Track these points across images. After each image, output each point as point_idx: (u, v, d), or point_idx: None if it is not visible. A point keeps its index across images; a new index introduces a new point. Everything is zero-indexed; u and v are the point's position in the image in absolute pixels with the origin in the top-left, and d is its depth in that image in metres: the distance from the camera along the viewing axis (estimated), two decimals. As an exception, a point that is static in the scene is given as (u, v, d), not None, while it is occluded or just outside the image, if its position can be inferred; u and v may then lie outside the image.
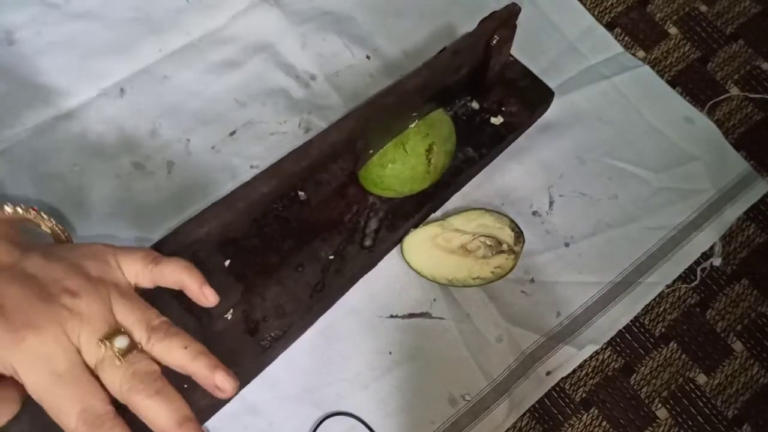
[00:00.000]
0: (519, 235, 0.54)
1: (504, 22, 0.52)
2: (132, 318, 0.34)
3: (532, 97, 0.59)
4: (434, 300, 0.54)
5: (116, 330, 0.33)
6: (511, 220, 0.55)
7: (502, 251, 0.54)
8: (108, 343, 0.32)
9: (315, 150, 0.47)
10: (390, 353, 0.53)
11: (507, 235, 0.54)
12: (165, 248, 0.43)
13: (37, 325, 0.32)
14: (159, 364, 0.35)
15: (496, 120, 0.58)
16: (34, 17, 0.61)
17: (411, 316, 0.54)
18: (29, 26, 0.60)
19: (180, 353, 0.34)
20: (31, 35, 0.60)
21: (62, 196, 0.55)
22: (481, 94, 0.58)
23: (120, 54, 0.60)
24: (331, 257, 0.53)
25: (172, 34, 0.61)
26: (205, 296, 0.38)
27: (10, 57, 0.59)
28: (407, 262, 0.54)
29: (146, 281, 0.37)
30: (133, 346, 0.33)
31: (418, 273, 0.54)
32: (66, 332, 0.32)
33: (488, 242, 0.54)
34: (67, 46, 0.60)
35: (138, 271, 0.37)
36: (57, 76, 0.59)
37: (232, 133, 0.58)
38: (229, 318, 0.50)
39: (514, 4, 0.52)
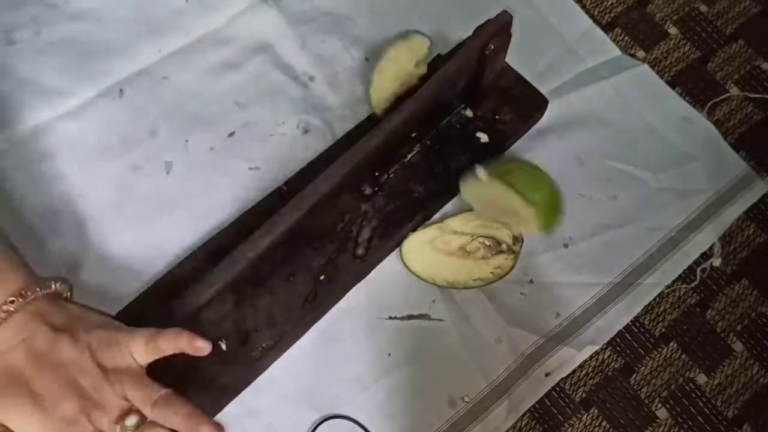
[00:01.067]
0: (518, 234, 0.54)
1: (497, 31, 0.51)
2: (139, 398, 0.42)
3: (526, 105, 0.59)
4: (433, 301, 0.54)
5: (128, 411, 0.42)
6: None
7: (502, 251, 0.54)
8: (122, 423, 0.41)
9: (306, 202, 0.47)
10: (389, 355, 0.52)
11: (506, 235, 0.54)
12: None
13: (70, 417, 0.40)
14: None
15: (483, 136, 0.58)
16: (34, 17, 0.61)
17: (410, 317, 0.54)
18: (29, 26, 0.60)
19: (173, 419, 0.41)
20: (31, 35, 0.60)
21: (61, 197, 0.55)
22: (475, 103, 0.58)
23: (119, 54, 0.60)
24: (324, 267, 0.53)
25: (172, 34, 0.61)
26: (199, 349, 0.44)
27: (10, 57, 0.59)
28: (407, 267, 0.54)
29: (150, 358, 0.44)
30: (142, 420, 0.42)
31: (419, 277, 0.54)
32: (91, 420, 0.41)
33: (487, 243, 0.54)
34: (66, 46, 0.60)
35: (143, 352, 0.43)
36: (56, 76, 0.59)
37: (231, 134, 0.58)
38: (220, 327, 0.50)
39: (505, 12, 0.51)
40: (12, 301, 0.42)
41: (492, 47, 0.51)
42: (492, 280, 0.54)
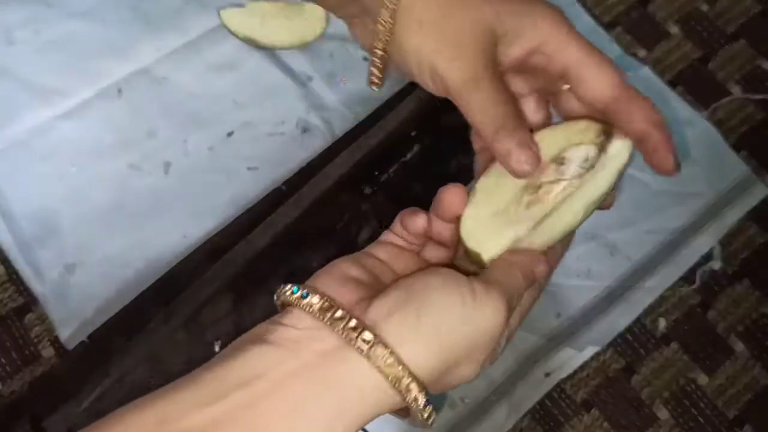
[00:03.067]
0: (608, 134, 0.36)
1: None
2: None
3: None
4: (433, 301, 0.54)
5: None
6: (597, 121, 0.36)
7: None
8: None
9: (305, 201, 0.47)
10: (389, 355, 0.52)
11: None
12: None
13: None
14: None
15: None
16: (33, 16, 0.60)
17: (410, 317, 0.53)
18: (28, 25, 0.60)
19: None
20: (30, 35, 0.60)
21: (59, 197, 0.55)
22: None
23: (118, 54, 0.60)
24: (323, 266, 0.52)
25: (171, 34, 0.61)
26: None
27: (9, 57, 0.59)
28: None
29: None
30: None
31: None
32: None
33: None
34: (65, 45, 0.60)
35: None
36: (55, 76, 0.59)
37: (230, 134, 0.58)
38: (219, 327, 0.50)
39: None
40: None
41: None
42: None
